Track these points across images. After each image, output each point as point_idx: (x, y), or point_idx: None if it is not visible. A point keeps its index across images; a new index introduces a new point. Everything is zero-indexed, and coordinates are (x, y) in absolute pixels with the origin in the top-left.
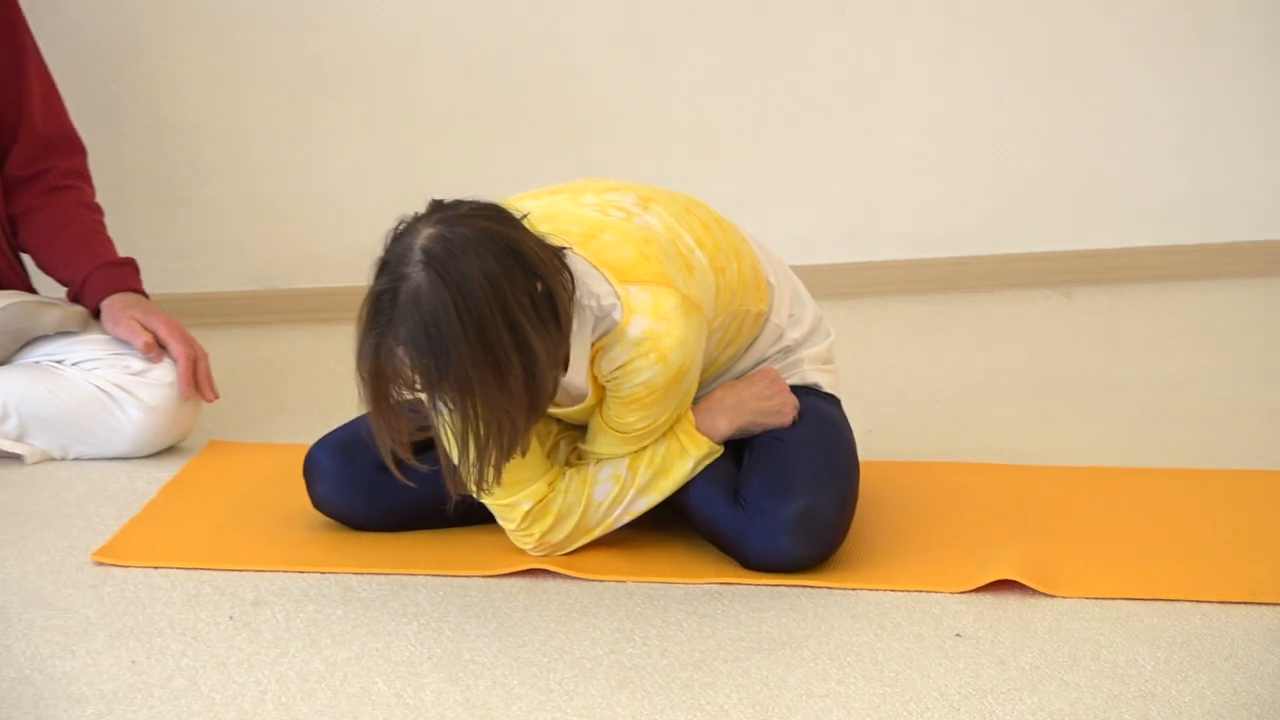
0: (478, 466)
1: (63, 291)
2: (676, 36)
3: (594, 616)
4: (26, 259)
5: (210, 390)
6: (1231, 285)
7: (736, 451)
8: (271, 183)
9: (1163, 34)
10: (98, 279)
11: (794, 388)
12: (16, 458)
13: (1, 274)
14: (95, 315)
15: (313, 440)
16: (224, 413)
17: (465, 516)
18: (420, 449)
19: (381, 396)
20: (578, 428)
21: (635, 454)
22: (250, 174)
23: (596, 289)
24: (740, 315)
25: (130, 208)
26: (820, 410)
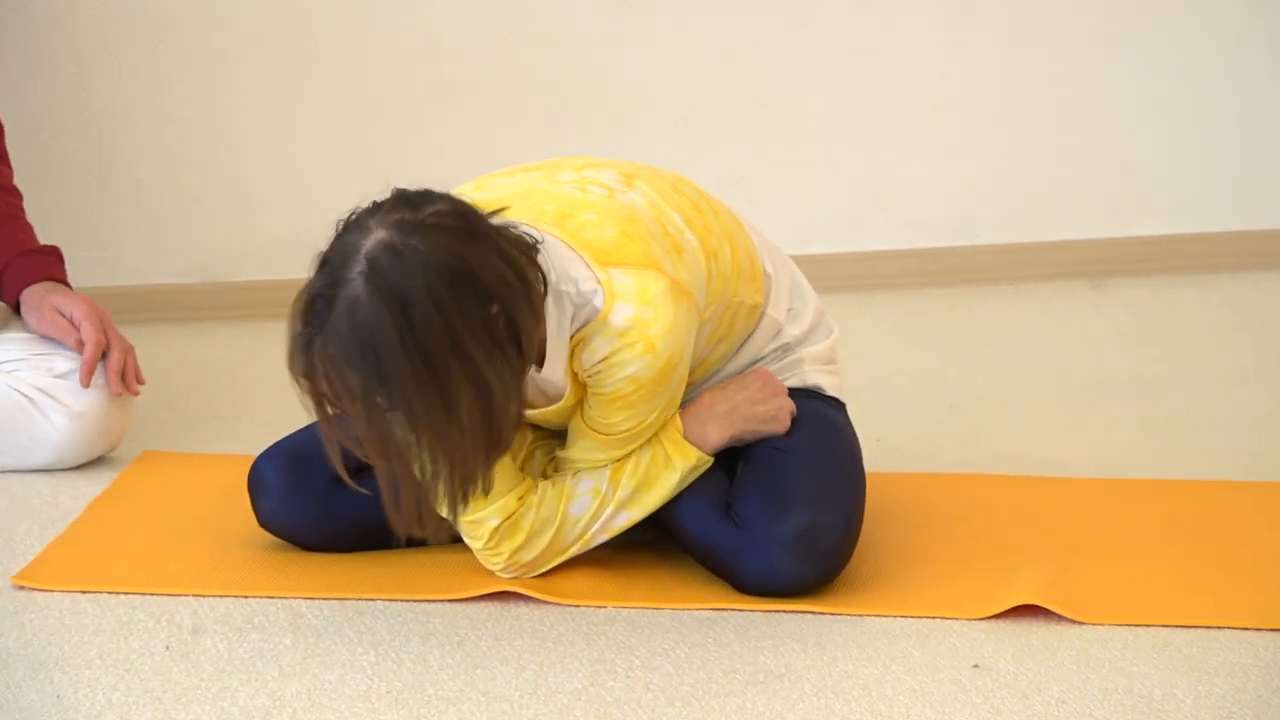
0: (419, 507)
1: None
2: (661, 1)
3: (571, 646)
4: None
5: (135, 381)
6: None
7: (729, 461)
8: (212, 162)
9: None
10: (16, 269)
11: (793, 390)
12: None
13: None
14: (15, 310)
15: (257, 451)
16: (159, 420)
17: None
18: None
19: (319, 405)
20: (556, 434)
21: (617, 465)
22: (188, 153)
23: (575, 273)
24: (733, 306)
25: (52, 190)
26: (822, 415)
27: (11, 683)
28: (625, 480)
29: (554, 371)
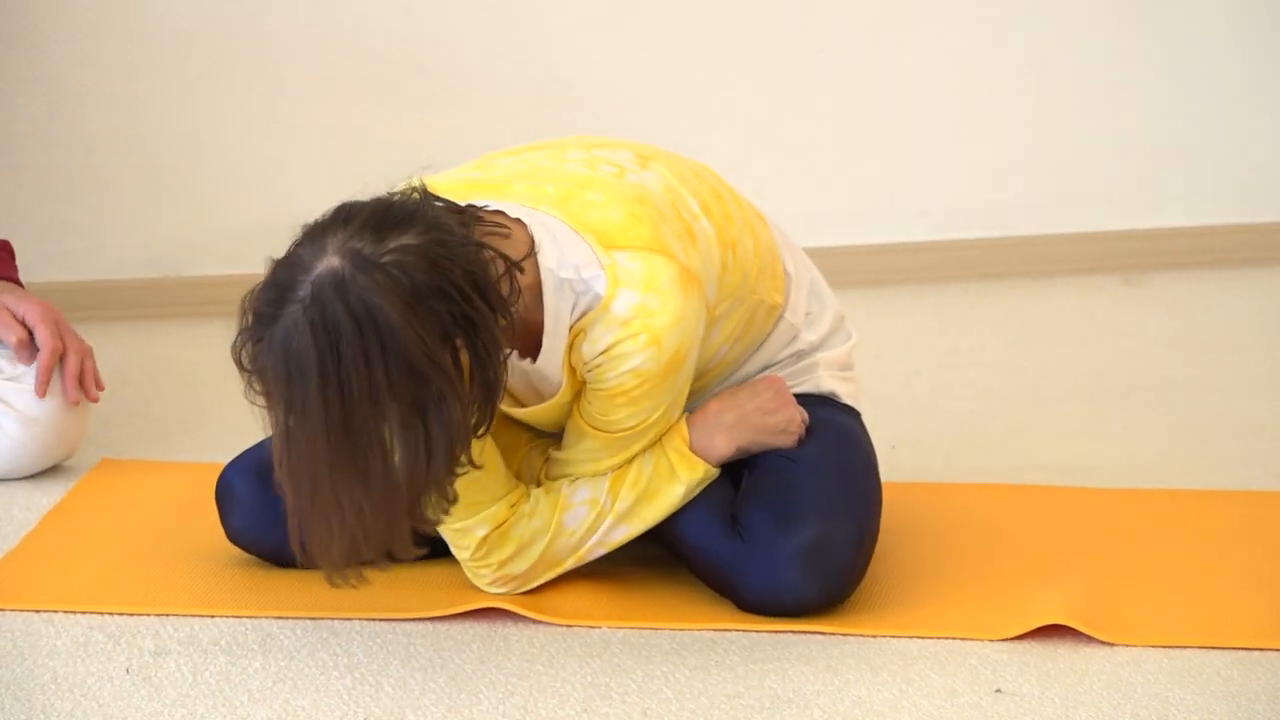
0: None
1: None
2: None
3: (563, 669)
4: None
5: (94, 386)
6: None
7: (734, 470)
8: (175, 149)
9: None
10: None
11: (806, 396)
12: None
13: None
14: None
15: (224, 459)
16: (118, 426)
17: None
18: None
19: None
20: (554, 436)
21: (617, 475)
22: (149, 138)
23: (575, 257)
24: (752, 305)
25: (1, 177)
26: (835, 422)
27: None
28: (625, 492)
29: (550, 364)
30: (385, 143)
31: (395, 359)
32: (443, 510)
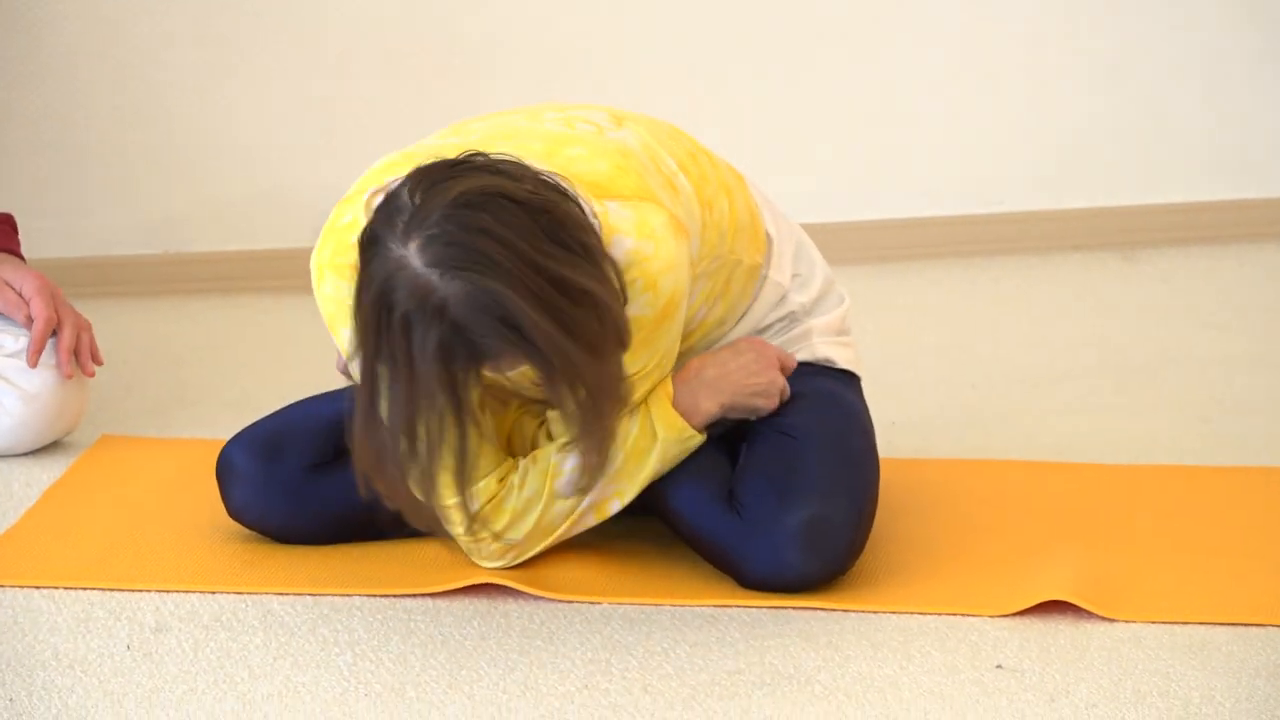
0: (595, 432)
1: None
2: None
3: (563, 645)
4: None
5: (90, 360)
6: None
7: (732, 445)
8: (174, 122)
9: None
10: None
11: (803, 365)
12: None
13: None
14: None
15: (224, 435)
16: (118, 402)
17: (410, 527)
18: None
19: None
20: (538, 401)
21: None
22: (148, 111)
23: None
24: (730, 264)
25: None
26: (833, 394)
27: None
28: (613, 452)
29: None
30: (383, 117)
31: (523, 218)
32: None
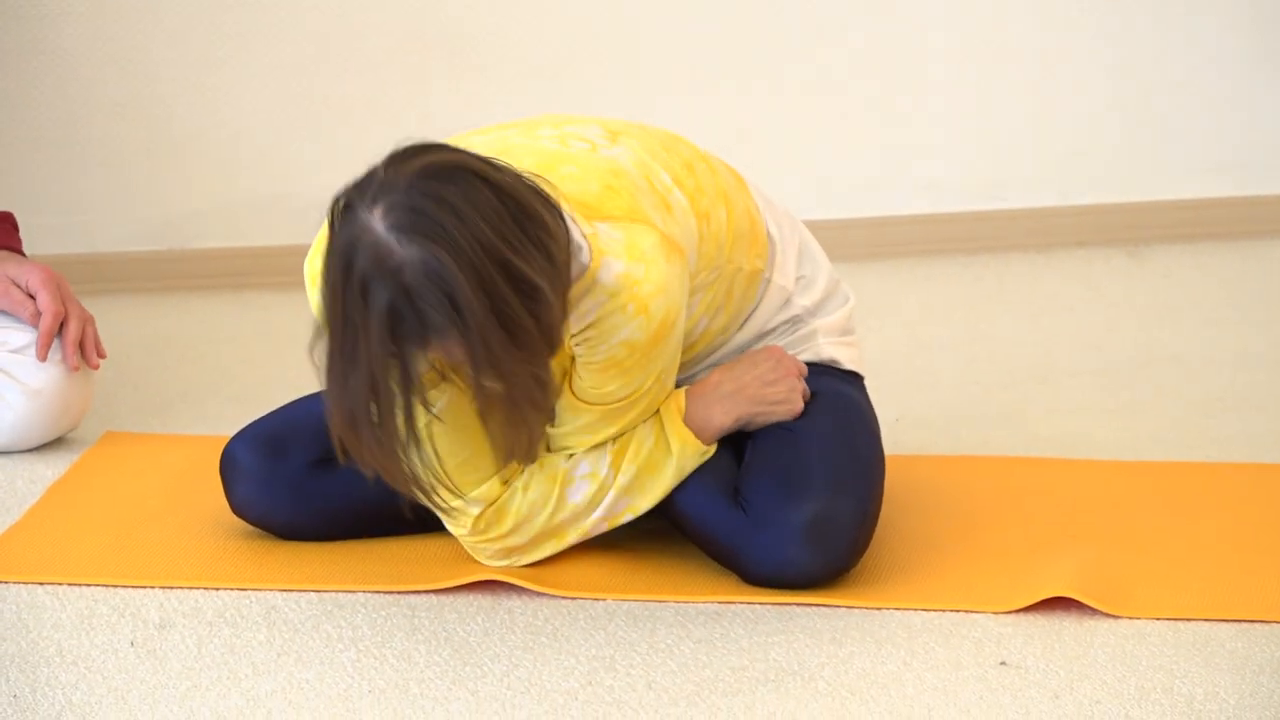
0: (518, 439)
1: None
2: None
3: (567, 641)
4: None
5: (95, 354)
6: None
7: (736, 442)
8: (176, 120)
9: None
10: None
11: (808, 365)
12: None
13: None
14: None
15: (228, 431)
16: (121, 399)
17: (413, 524)
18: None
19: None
20: None
21: (617, 449)
22: (151, 109)
23: None
24: (729, 274)
25: (2, 149)
26: (838, 393)
27: None
28: (626, 465)
29: None
30: (388, 116)
31: (490, 199)
32: None
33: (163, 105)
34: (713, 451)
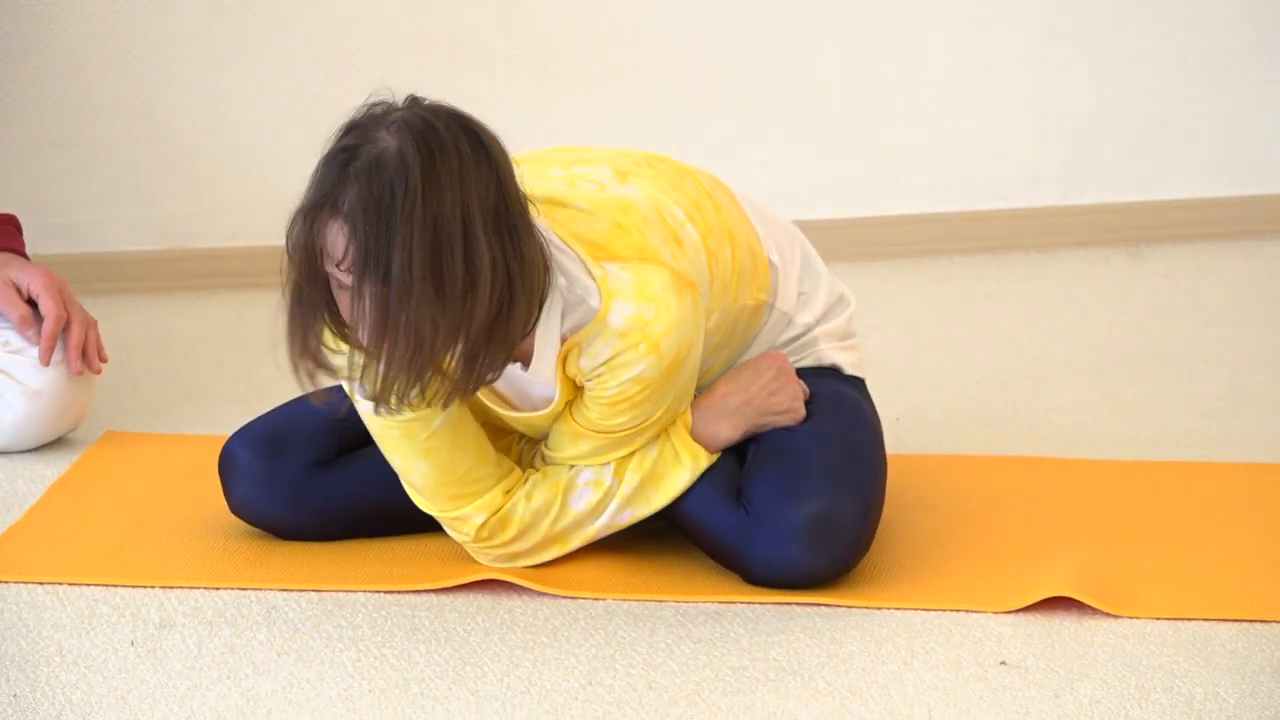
0: (378, 380)
1: None
2: None
3: (567, 641)
4: None
5: (97, 358)
6: None
7: (739, 444)
8: (179, 120)
9: None
10: None
11: (810, 370)
12: None
13: None
14: None
15: (228, 431)
16: (122, 399)
17: (414, 523)
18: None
19: (305, 278)
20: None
21: (621, 458)
22: (153, 109)
23: (567, 267)
24: (735, 312)
25: (3, 150)
26: (839, 394)
27: None
28: (630, 474)
29: (542, 371)
30: None
31: (494, 186)
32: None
33: (163, 105)
34: (714, 460)
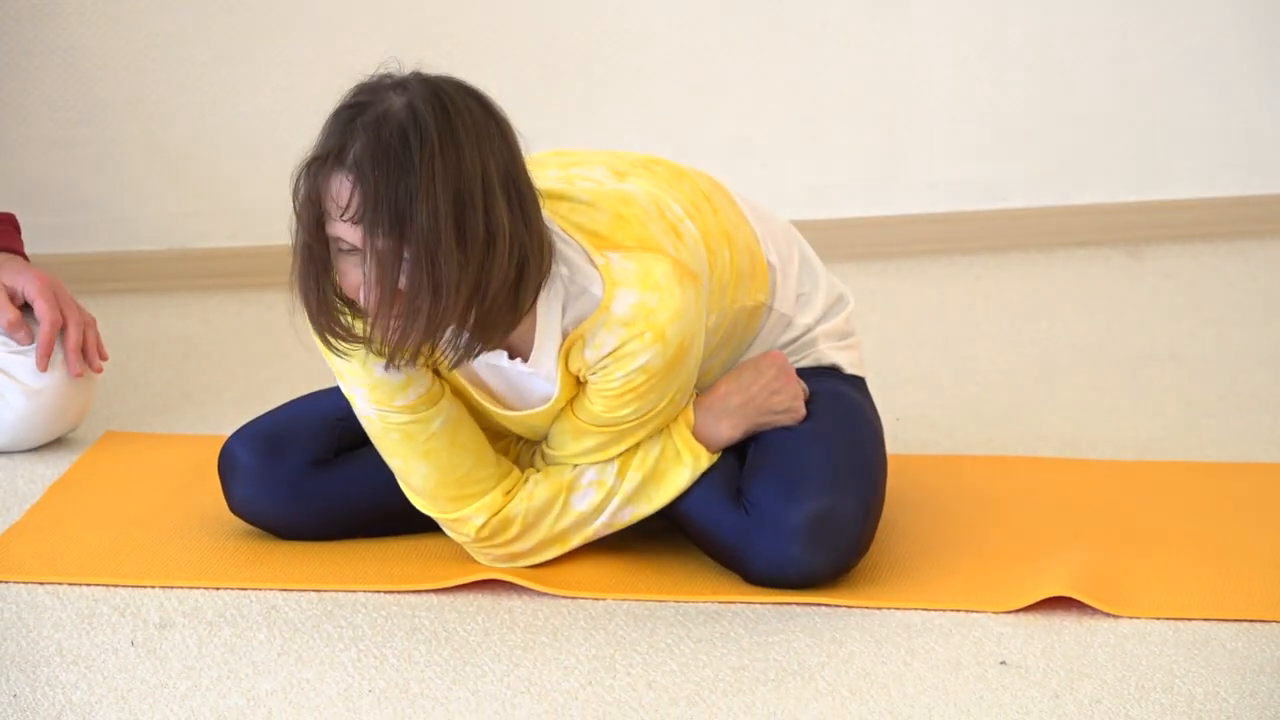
0: (390, 336)
1: None
2: None
3: (567, 641)
4: None
5: (97, 357)
6: None
7: (739, 444)
8: (179, 120)
9: None
10: None
11: (810, 370)
12: None
13: None
14: None
15: (228, 431)
16: (122, 399)
17: (413, 523)
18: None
19: (313, 235)
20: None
21: (625, 455)
22: (153, 109)
23: (568, 257)
24: (733, 313)
25: (6, 150)
26: (839, 394)
27: None
28: (632, 473)
29: (543, 364)
30: None
31: (508, 151)
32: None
33: (163, 105)
34: (715, 459)
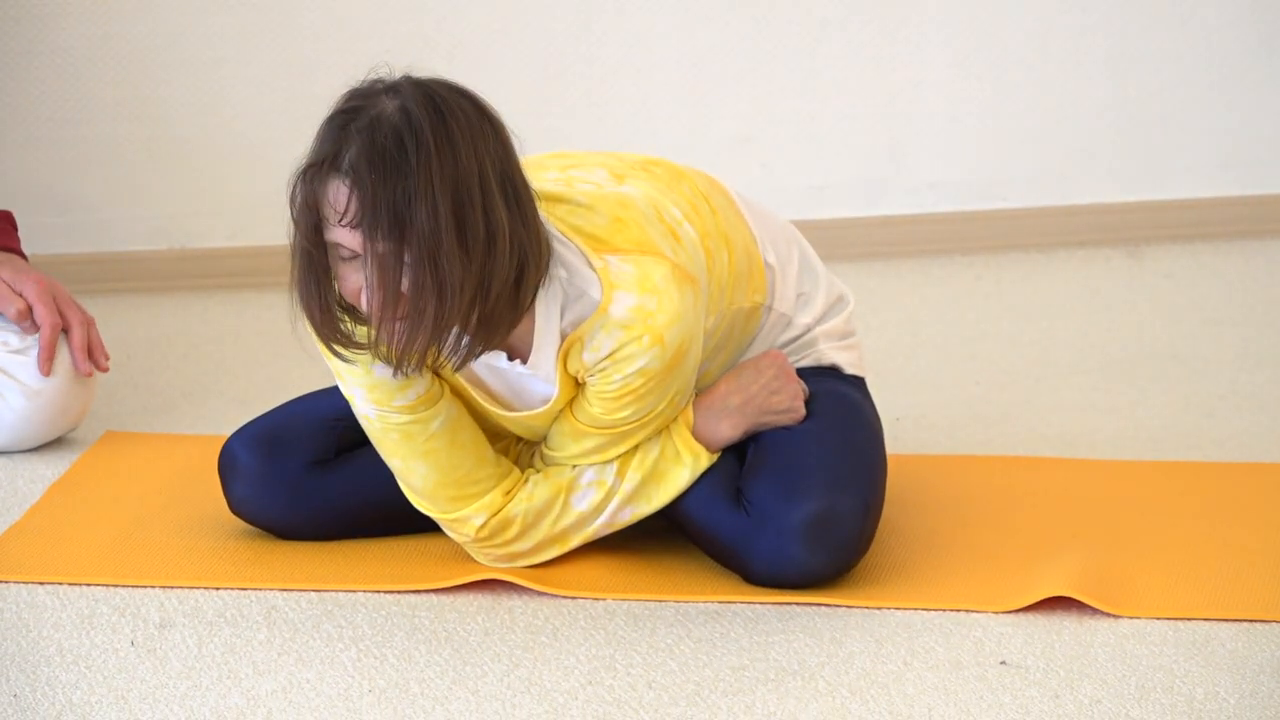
0: (395, 340)
1: None
2: None
3: (567, 641)
4: None
5: (101, 357)
6: None
7: (739, 444)
8: (179, 120)
9: None
10: None
11: (810, 370)
12: None
13: None
14: None
15: (228, 431)
16: (122, 399)
17: (413, 523)
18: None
19: (311, 241)
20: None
21: (625, 456)
22: (154, 108)
23: (567, 259)
24: (731, 314)
25: (6, 150)
26: (839, 394)
27: None
28: (631, 473)
29: (542, 366)
30: None
31: (501, 147)
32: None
33: (163, 105)
34: (714, 459)
